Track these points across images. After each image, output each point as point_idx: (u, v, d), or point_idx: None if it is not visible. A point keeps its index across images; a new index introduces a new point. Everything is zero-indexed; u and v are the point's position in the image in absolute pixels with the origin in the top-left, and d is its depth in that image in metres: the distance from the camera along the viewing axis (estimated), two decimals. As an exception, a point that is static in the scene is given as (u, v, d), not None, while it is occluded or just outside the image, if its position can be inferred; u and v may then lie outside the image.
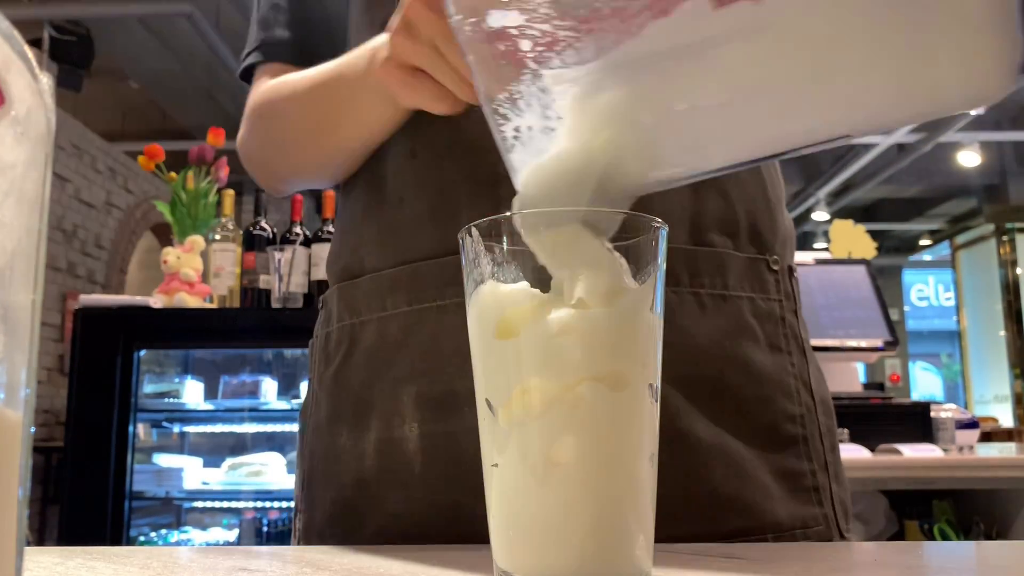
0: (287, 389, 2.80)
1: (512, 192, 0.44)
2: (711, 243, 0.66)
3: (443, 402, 0.63)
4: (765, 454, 0.64)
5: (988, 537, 1.99)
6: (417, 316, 0.66)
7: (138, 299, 2.42)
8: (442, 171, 0.67)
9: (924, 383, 11.35)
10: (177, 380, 2.72)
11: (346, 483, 0.67)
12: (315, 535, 0.70)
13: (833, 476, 0.67)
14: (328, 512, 0.69)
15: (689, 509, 0.60)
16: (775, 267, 0.69)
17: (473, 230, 0.41)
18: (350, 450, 0.68)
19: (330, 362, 0.72)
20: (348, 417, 0.69)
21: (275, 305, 2.46)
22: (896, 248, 10.93)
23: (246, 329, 2.48)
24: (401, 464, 0.64)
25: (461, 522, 0.59)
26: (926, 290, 11.45)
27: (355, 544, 0.63)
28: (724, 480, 0.61)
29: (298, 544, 0.72)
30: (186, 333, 2.48)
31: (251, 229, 2.59)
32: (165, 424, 2.91)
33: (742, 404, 0.64)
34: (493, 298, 0.41)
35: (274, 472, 2.69)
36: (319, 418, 0.72)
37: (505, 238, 0.40)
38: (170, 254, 2.47)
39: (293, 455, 2.80)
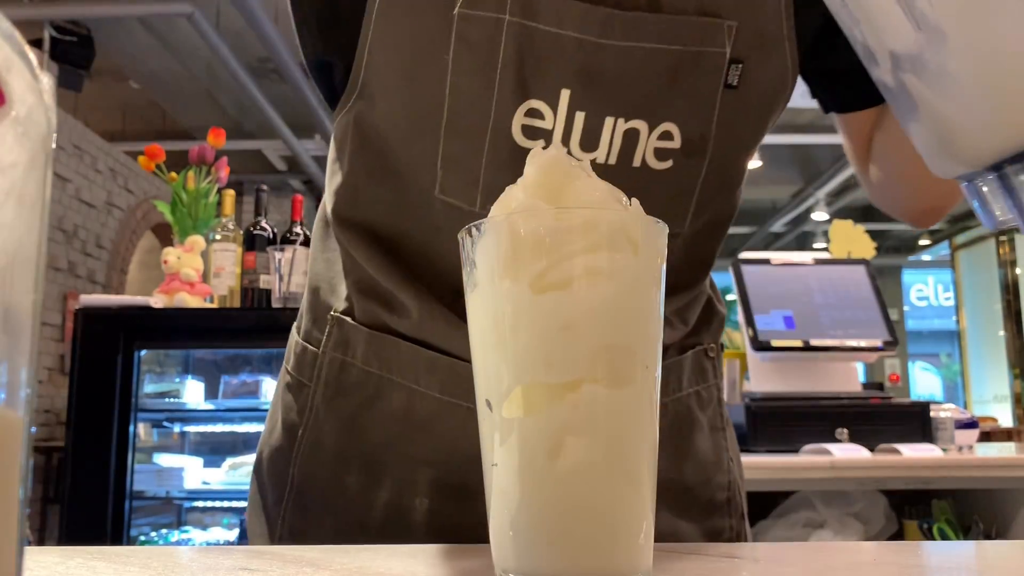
0: (287, 389, 2.79)
1: None
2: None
3: (456, 491, 0.64)
4: (699, 522, 0.71)
5: (987, 537, 1.99)
6: (450, 408, 0.65)
7: (138, 299, 2.42)
8: None
9: (924, 383, 11.33)
10: (177, 380, 2.72)
11: (351, 520, 0.67)
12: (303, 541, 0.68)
13: (741, 514, 0.75)
14: (328, 539, 0.67)
15: None
16: (712, 354, 0.72)
17: (473, 230, 0.41)
18: (358, 493, 0.67)
19: (344, 396, 0.68)
20: (359, 464, 0.67)
21: (275, 305, 2.45)
22: (896, 248, 10.92)
23: (246, 329, 2.48)
24: (405, 530, 0.65)
25: None
26: (925, 290, 11.44)
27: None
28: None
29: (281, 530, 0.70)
30: (186, 333, 2.48)
31: (251, 229, 2.59)
32: (165, 424, 2.91)
33: (688, 491, 0.70)
34: (492, 297, 0.41)
35: (274, 472, 2.69)
36: (320, 436, 0.69)
37: (504, 239, 0.40)
38: (171, 254, 2.47)
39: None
